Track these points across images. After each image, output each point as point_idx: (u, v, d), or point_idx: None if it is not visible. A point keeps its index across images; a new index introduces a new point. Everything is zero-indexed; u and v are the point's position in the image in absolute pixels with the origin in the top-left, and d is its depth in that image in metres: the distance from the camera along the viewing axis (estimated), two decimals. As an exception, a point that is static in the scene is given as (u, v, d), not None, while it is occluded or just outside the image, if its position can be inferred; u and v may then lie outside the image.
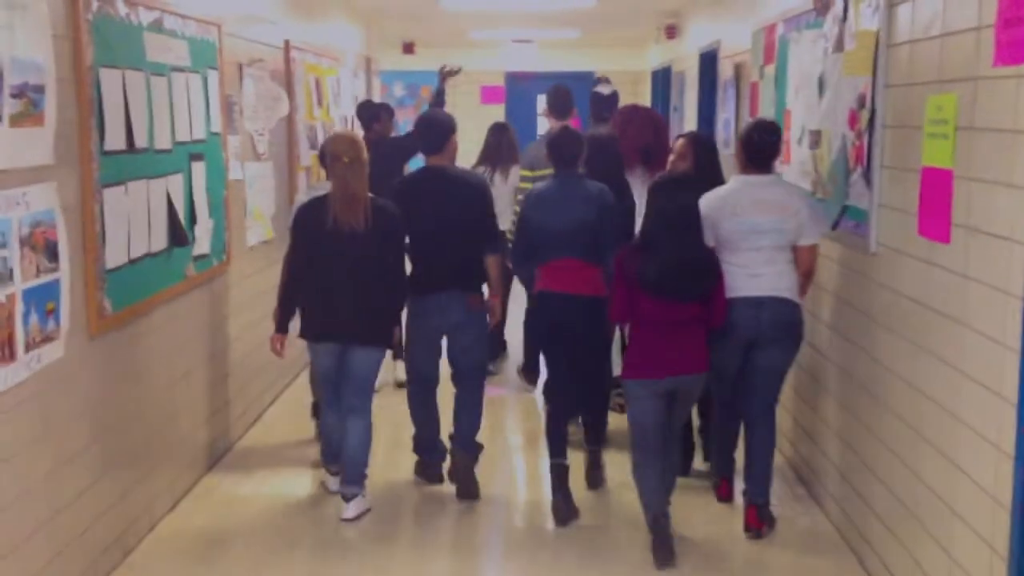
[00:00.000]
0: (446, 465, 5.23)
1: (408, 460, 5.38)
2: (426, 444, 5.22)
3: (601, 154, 5.36)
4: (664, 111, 11.79)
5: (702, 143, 5.32)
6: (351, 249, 4.63)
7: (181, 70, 4.84)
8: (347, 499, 4.79)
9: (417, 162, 5.53)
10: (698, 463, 5.35)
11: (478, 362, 5.13)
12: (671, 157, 5.25)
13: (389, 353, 5.12)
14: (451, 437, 5.16)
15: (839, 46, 4.69)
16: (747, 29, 6.82)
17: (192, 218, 4.97)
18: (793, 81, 5.58)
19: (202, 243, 5.12)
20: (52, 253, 3.60)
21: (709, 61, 8.63)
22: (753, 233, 4.46)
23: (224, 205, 5.49)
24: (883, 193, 4.13)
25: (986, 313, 3.16)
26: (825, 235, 4.72)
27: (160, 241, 4.59)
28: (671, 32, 11.19)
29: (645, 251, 4.24)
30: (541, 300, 4.93)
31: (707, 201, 4.51)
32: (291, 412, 6.48)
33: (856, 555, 4.37)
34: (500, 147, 7.06)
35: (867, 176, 4.27)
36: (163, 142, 4.60)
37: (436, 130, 5.07)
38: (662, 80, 12.23)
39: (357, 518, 4.79)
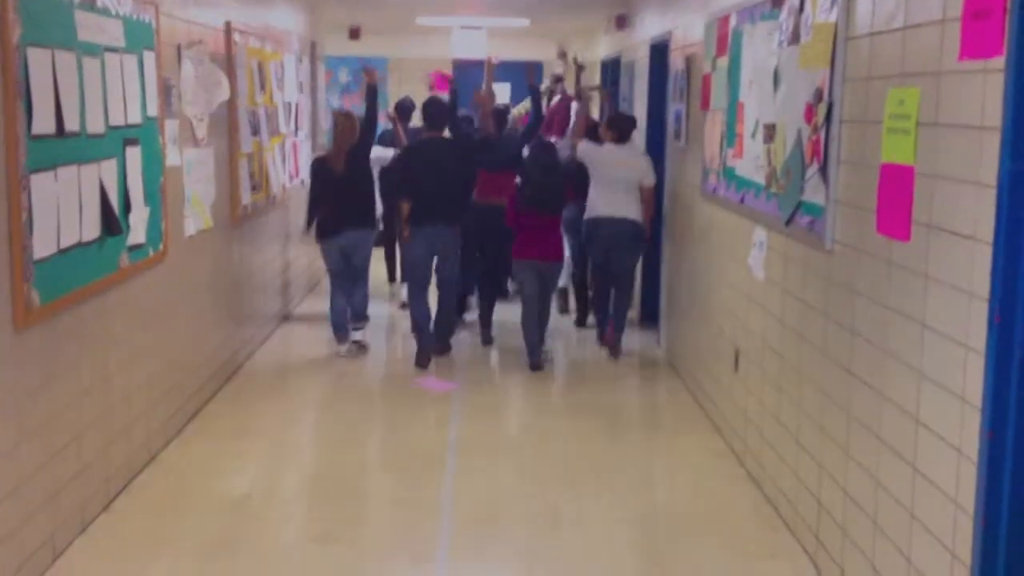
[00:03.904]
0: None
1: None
2: (420, 326, 7.36)
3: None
4: (613, 101, 11.68)
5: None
6: (339, 182, 7.36)
7: (115, 51, 4.62)
8: (356, 329, 7.60)
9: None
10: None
11: (453, 275, 7.57)
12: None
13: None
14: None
15: (795, 38, 4.61)
16: (699, 20, 6.73)
17: (126, 206, 4.76)
18: (747, 74, 5.49)
19: (137, 232, 4.92)
20: (-26, 243, 3.41)
21: (660, 52, 8.54)
22: (613, 180, 7.44)
23: (161, 192, 5.28)
24: (840, 189, 4.05)
25: (948, 314, 3.09)
26: (779, 231, 4.73)
27: (92, 230, 4.38)
28: (620, 22, 11.06)
29: (525, 186, 7.33)
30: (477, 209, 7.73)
31: (591, 152, 7.59)
32: (228, 407, 6.33)
33: (811, 558, 4.32)
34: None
35: (824, 171, 4.19)
36: (96, 126, 4.39)
37: (439, 115, 7.50)
38: (611, 70, 12.12)
39: (362, 344, 7.60)
